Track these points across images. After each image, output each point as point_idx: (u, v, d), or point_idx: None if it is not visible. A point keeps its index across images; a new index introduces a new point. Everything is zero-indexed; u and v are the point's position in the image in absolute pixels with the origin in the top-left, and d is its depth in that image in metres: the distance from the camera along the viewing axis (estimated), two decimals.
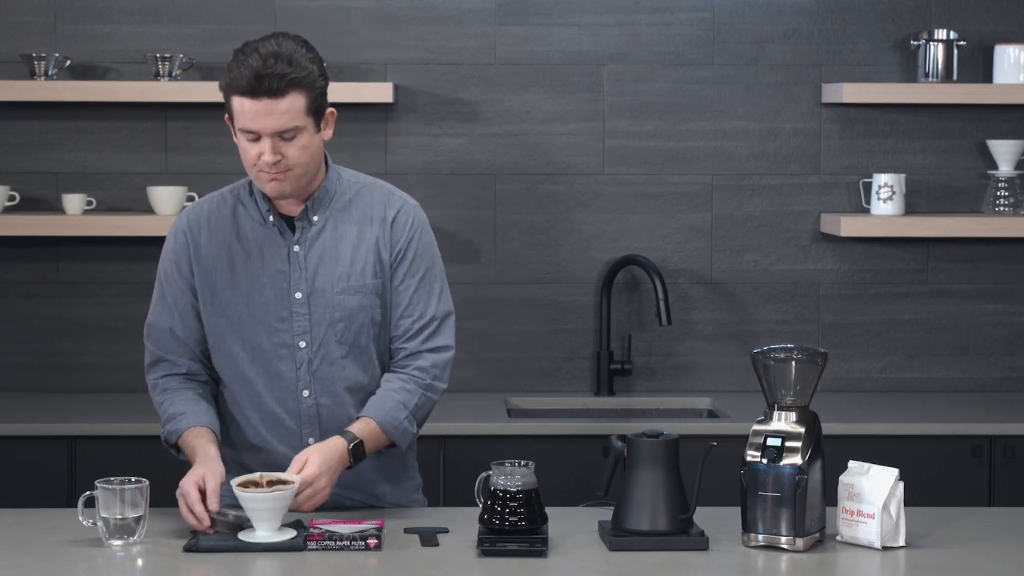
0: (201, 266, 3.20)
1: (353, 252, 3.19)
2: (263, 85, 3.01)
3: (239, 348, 3.19)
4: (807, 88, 4.81)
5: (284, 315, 3.17)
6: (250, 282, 3.17)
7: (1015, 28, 4.80)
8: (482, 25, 4.76)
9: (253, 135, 3.06)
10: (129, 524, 2.90)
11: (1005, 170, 4.72)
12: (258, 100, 3.02)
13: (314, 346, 3.18)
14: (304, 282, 3.17)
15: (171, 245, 3.24)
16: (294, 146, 3.07)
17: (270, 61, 3.01)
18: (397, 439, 3.17)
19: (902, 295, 4.86)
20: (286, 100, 3.03)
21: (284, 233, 3.18)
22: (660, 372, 4.84)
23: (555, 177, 4.81)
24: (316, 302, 3.17)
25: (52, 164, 4.74)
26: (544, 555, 2.85)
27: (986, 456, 4.31)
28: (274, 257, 3.18)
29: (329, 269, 3.18)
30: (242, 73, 3.02)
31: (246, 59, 3.03)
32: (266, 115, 3.03)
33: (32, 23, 4.71)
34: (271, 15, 4.73)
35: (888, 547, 2.91)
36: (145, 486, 2.93)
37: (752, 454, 2.91)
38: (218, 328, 3.20)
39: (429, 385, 3.20)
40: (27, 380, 4.76)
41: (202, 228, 3.21)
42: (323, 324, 3.17)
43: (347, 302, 3.17)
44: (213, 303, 3.19)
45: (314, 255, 3.18)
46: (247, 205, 3.21)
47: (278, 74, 3.01)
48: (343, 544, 2.87)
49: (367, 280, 3.18)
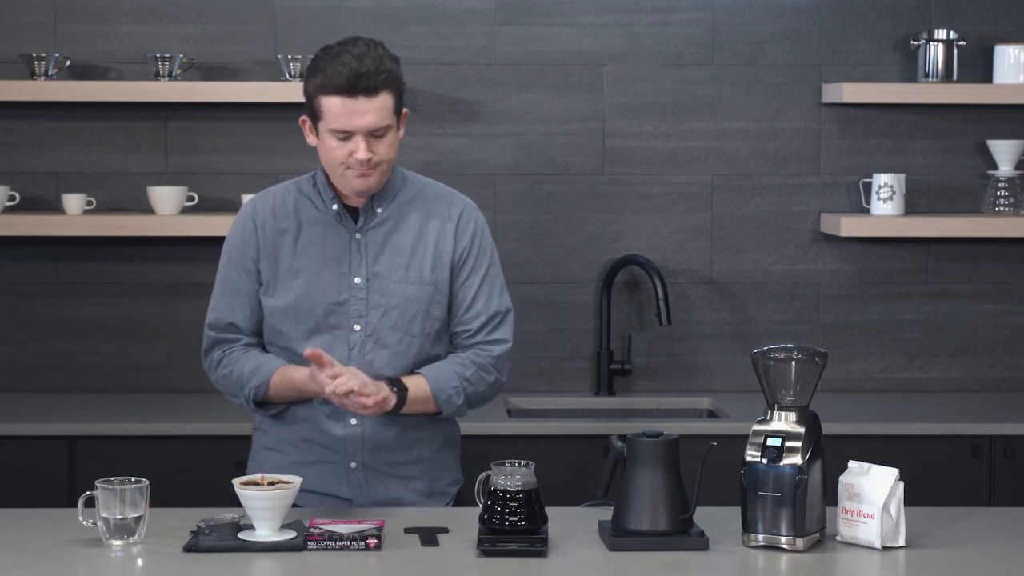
0: (265, 251, 3.29)
1: (413, 244, 3.29)
2: (360, 84, 3.12)
3: (295, 327, 3.27)
4: (807, 88, 4.81)
5: (342, 299, 3.26)
6: (311, 265, 3.27)
7: (1015, 28, 4.80)
8: (482, 25, 4.76)
9: (345, 134, 3.16)
10: (129, 524, 2.90)
11: (1005, 170, 4.72)
12: (355, 99, 3.13)
13: (367, 330, 3.26)
14: (364, 268, 3.27)
15: (238, 232, 3.34)
16: (384, 143, 3.19)
17: (365, 61, 3.13)
18: (442, 404, 3.27)
19: (902, 295, 4.85)
20: (380, 98, 3.15)
21: (346, 222, 3.28)
22: (660, 372, 4.84)
23: (555, 177, 4.81)
24: (374, 287, 3.26)
25: (52, 164, 4.74)
26: (544, 555, 2.85)
27: (986, 456, 4.31)
28: (336, 243, 3.28)
29: (389, 258, 3.27)
30: (339, 71, 3.12)
31: (338, 59, 3.13)
32: (362, 113, 3.14)
33: (32, 23, 4.71)
34: (271, 15, 4.73)
35: (888, 547, 2.91)
36: (145, 486, 2.93)
37: (752, 454, 2.91)
38: (275, 309, 3.28)
39: (484, 366, 3.31)
40: (27, 380, 4.76)
41: (268, 216, 3.32)
42: (379, 309, 3.26)
43: (404, 290, 3.27)
44: (274, 285, 3.28)
45: (375, 243, 3.28)
46: (311, 196, 3.31)
47: (373, 72, 3.12)
48: (343, 544, 2.87)
49: (424, 272, 3.28)
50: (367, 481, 3.29)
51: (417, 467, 3.33)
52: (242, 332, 3.33)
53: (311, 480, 3.26)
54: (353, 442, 3.27)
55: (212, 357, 3.35)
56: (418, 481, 3.33)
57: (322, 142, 3.21)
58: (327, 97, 3.15)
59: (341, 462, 3.28)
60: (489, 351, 3.33)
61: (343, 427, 3.27)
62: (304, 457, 3.30)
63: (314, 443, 3.29)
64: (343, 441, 3.27)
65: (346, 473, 3.28)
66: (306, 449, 3.30)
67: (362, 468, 3.28)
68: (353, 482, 3.29)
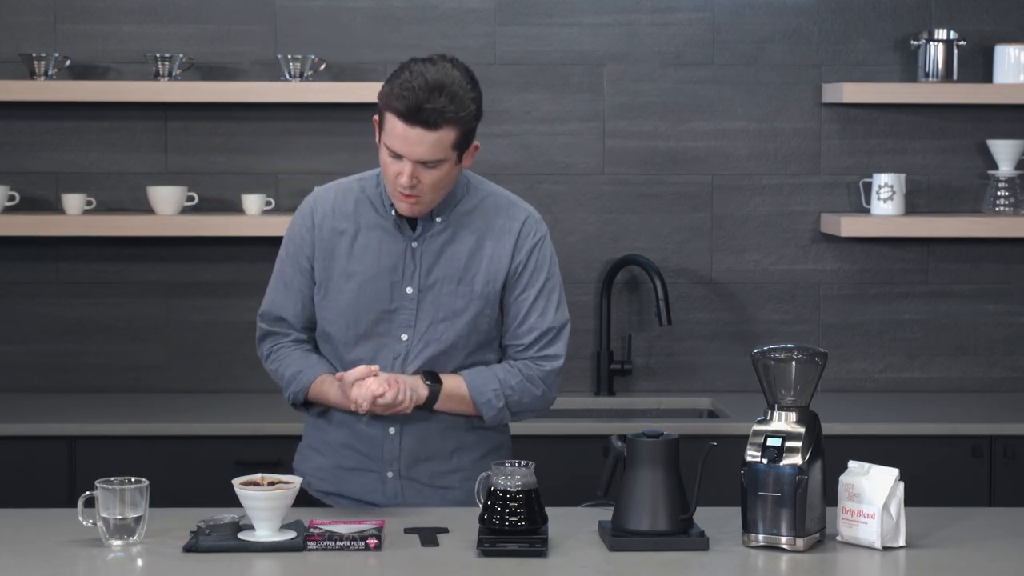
0: (321, 249, 3.26)
1: (469, 258, 3.23)
2: (420, 116, 3.04)
3: (344, 331, 3.24)
4: (807, 88, 4.81)
5: (392, 307, 3.22)
6: (365, 270, 3.23)
7: (1015, 28, 4.80)
8: (482, 25, 4.76)
9: (396, 154, 3.09)
10: (129, 524, 2.90)
11: (1005, 170, 4.72)
12: (412, 127, 3.05)
13: (415, 339, 3.22)
14: (417, 278, 3.22)
15: (297, 226, 3.31)
16: (432, 175, 3.11)
17: (435, 94, 3.03)
18: (480, 406, 3.24)
19: (902, 295, 4.85)
20: (438, 134, 3.06)
21: (404, 229, 3.23)
22: (660, 372, 4.84)
23: (555, 177, 4.81)
24: (424, 298, 3.22)
25: (52, 164, 4.74)
26: (544, 555, 2.85)
27: (986, 456, 4.31)
28: (392, 250, 3.23)
29: (443, 270, 3.23)
30: (404, 95, 3.03)
31: (412, 81, 3.04)
32: (415, 143, 3.06)
33: (32, 23, 4.71)
34: (271, 15, 4.73)
35: (888, 547, 2.90)
36: (145, 486, 2.93)
37: (752, 454, 2.91)
38: (327, 311, 3.26)
39: (532, 378, 3.26)
40: (27, 380, 4.76)
41: (327, 214, 3.27)
42: (426, 320, 3.22)
43: (454, 303, 3.22)
44: (327, 286, 3.26)
45: (430, 253, 3.23)
46: (372, 197, 3.26)
47: (439, 109, 3.03)
48: (343, 544, 2.87)
49: (476, 287, 3.23)
50: (403, 491, 3.26)
51: (456, 477, 3.28)
52: (292, 327, 3.31)
53: (349, 486, 3.25)
54: (391, 451, 3.24)
55: (263, 349, 3.35)
56: (456, 492, 3.28)
57: (381, 150, 3.14)
58: (389, 113, 3.07)
59: (378, 470, 3.26)
60: (540, 365, 3.28)
61: (381, 435, 3.24)
62: (344, 462, 3.27)
63: (353, 449, 3.27)
64: (380, 449, 3.24)
65: (382, 482, 3.26)
66: (345, 454, 3.27)
67: (399, 478, 3.25)
68: (389, 492, 3.26)
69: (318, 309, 3.28)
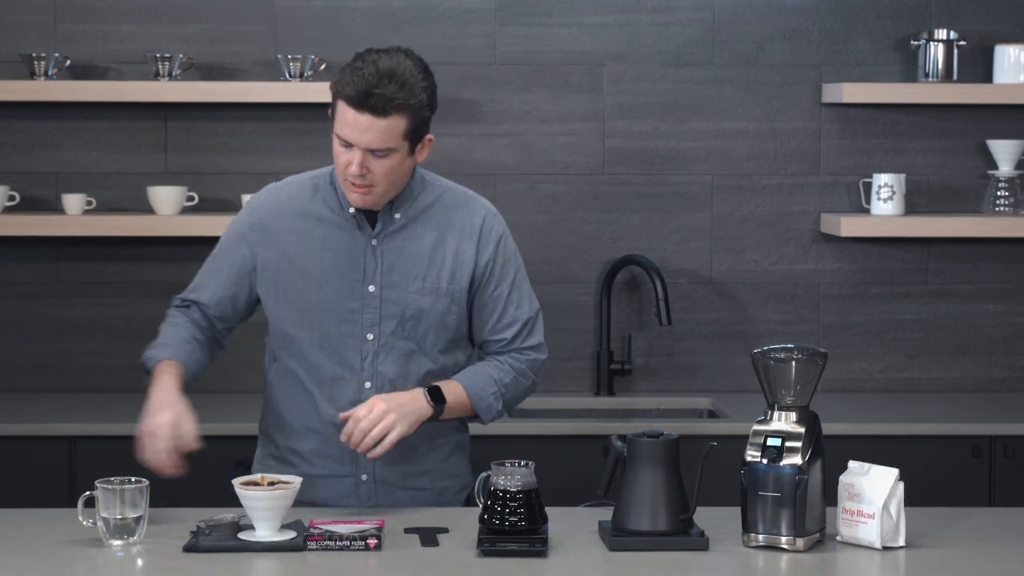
0: (273, 250, 3.23)
1: (431, 253, 3.22)
2: (369, 101, 3.03)
3: (307, 334, 3.22)
4: (807, 88, 4.81)
5: (355, 306, 3.20)
6: (324, 270, 3.20)
7: (1015, 28, 4.80)
8: (482, 25, 4.76)
9: (346, 143, 3.08)
10: (129, 524, 2.90)
11: (1005, 170, 4.72)
12: (360, 113, 3.04)
13: (381, 339, 3.21)
14: (379, 276, 3.20)
15: (242, 223, 3.27)
16: (382, 164, 3.09)
17: (384, 81, 3.03)
18: (481, 411, 3.24)
19: (902, 295, 4.85)
20: (387, 121, 3.05)
21: (363, 226, 3.21)
22: (660, 372, 4.84)
23: (555, 177, 4.81)
24: (388, 297, 3.20)
25: (52, 164, 4.74)
26: (544, 555, 2.85)
27: (986, 456, 4.31)
28: (351, 248, 3.20)
29: (405, 267, 3.21)
30: (353, 82, 3.04)
31: (363, 69, 3.04)
32: (364, 130, 3.05)
33: (32, 23, 4.71)
34: (271, 15, 4.73)
35: (888, 547, 2.91)
36: (145, 486, 2.93)
37: (752, 454, 2.91)
38: (286, 313, 3.23)
39: (522, 371, 3.28)
40: (27, 380, 4.76)
41: (279, 214, 3.24)
42: (393, 320, 3.20)
43: (419, 301, 3.21)
44: (283, 288, 3.22)
45: (391, 251, 3.21)
46: (327, 195, 3.23)
47: (387, 95, 3.03)
48: (343, 544, 2.87)
49: (442, 284, 3.22)
50: (376, 493, 3.26)
51: (426, 477, 3.29)
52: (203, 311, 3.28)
53: (321, 493, 3.24)
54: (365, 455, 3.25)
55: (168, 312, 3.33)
56: (428, 492, 3.30)
57: (333, 140, 3.13)
58: (340, 101, 3.07)
59: (351, 475, 3.25)
60: (527, 356, 3.29)
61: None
62: (314, 471, 3.25)
63: (324, 457, 3.25)
64: (354, 453, 3.21)
65: (356, 486, 3.26)
66: (316, 463, 3.25)
67: (372, 481, 3.25)
68: (363, 495, 3.26)
69: (278, 311, 3.24)
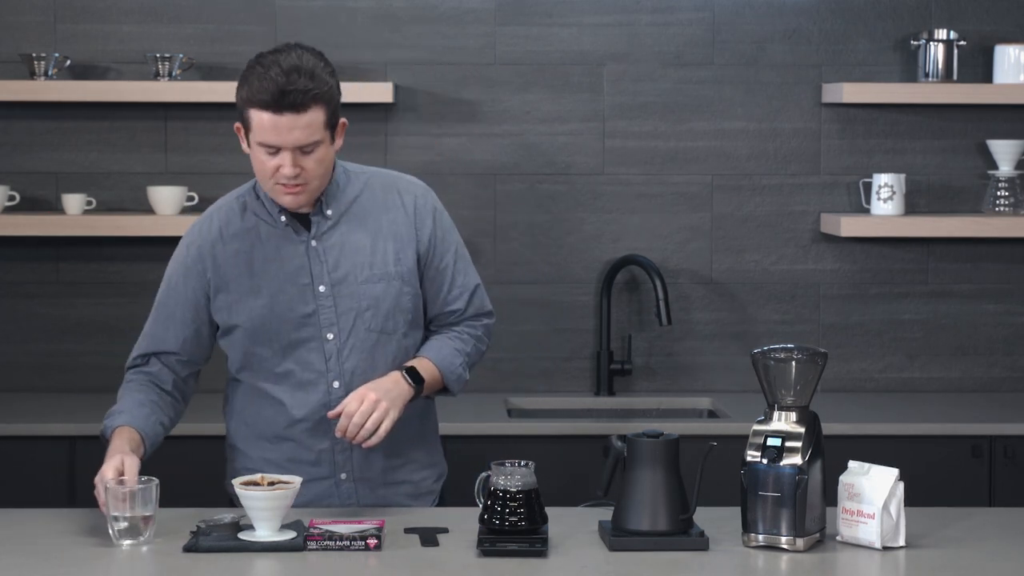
0: (219, 277, 3.21)
1: (372, 241, 3.22)
2: (287, 100, 3.02)
3: (266, 349, 3.21)
4: (807, 88, 4.81)
5: (309, 310, 3.19)
6: (271, 283, 3.19)
7: (1015, 28, 4.80)
8: (482, 25, 4.76)
9: (272, 148, 3.06)
10: (138, 524, 2.89)
11: (1005, 170, 4.72)
12: (280, 115, 3.03)
13: (342, 337, 3.20)
14: (326, 275, 3.20)
15: (181, 259, 3.26)
16: (312, 159, 3.09)
17: (293, 76, 3.02)
18: (451, 384, 3.27)
19: (902, 295, 4.86)
20: (308, 115, 3.05)
21: (299, 231, 3.20)
22: (660, 372, 4.84)
23: (555, 177, 4.81)
24: (340, 293, 3.20)
25: (52, 164, 4.74)
26: (544, 555, 2.85)
27: (986, 456, 4.31)
28: (292, 255, 3.20)
29: (350, 260, 3.20)
30: (264, 87, 3.02)
31: (267, 72, 3.02)
32: (288, 130, 3.04)
33: (32, 23, 4.71)
34: (271, 15, 4.73)
35: (888, 547, 2.91)
36: (155, 484, 2.93)
37: (752, 454, 2.91)
38: (240, 334, 3.22)
39: (480, 338, 3.34)
40: (27, 380, 4.76)
41: (215, 241, 3.22)
42: (350, 314, 3.20)
43: (372, 290, 3.21)
44: (235, 310, 3.21)
45: (333, 248, 3.21)
46: (256, 209, 3.23)
47: (302, 89, 3.02)
48: (343, 544, 2.87)
49: (389, 267, 3.22)
50: (357, 492, 3.26)
51: (406, 470, 3.30)
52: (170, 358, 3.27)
53: (301, 497, 3.21)
54: (341, 453, 3.23)
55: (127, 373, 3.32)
56: (407, 485, 3.30)
57: (253, 153, 3.10)
58: (254, 110, 3.04)
59: (330, 475, 3.25)
60: (481, 322, 3.34)
61: (328, 440, 3.21)
62: None
63: (300, 462, 3.23)
64: (331, 454, 3.22)
65: (336, 485, 3.25)
66: (292, 469, 3.22)
67: (352, 480, 3.25)
68: (343, 494, 3.26)
69: (234, 335, 3.23)
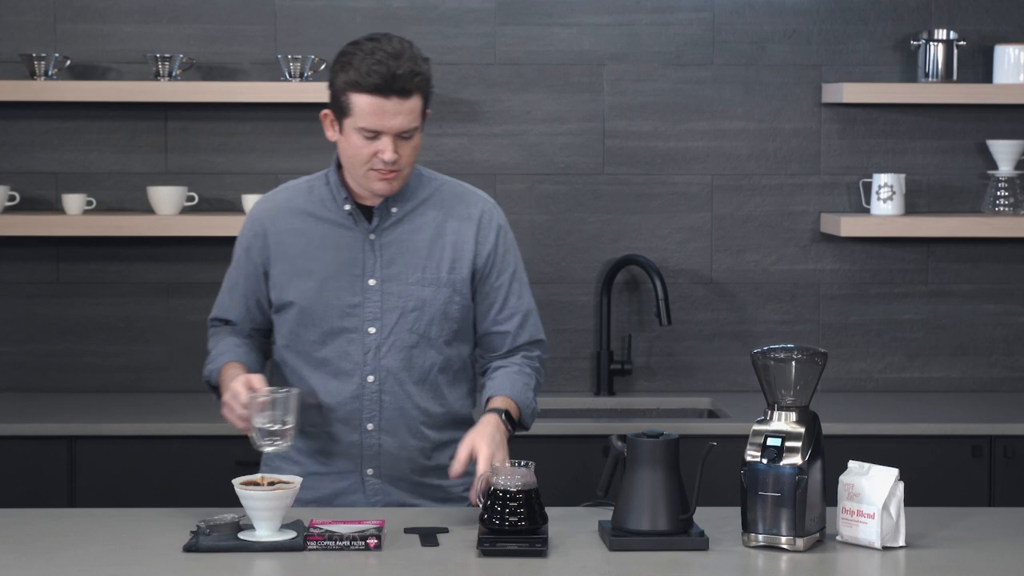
0: (276, 251, 3.25)
1: (430, 245, 3.23)
2: (396, 84, 3.05)
3: (310, 332, 3.23)
4: (807, 88, 4.81)
5: (356, 301, 3.21)
6: (324, 268, 3.22)
7: (1015, 28, 4.80)
8: (482, 25, 4.76)
9: (372, 133, 3.09)
10: (279, 430, 3.00)
11: (1005, 170, 4.72)
12: (388, 99, 3.06)
13: (384, 333, 3.21)
14: (379, 270, 3.22)
15: (246, 233, 3.31)
16: (409, 145, 3.12)
17: (401, 60, 3.06)
18: (527, 418, 3.27)
19: (902, 295, 4.86)
20: (411, 100, 3.08)
21: (360, 222, 3.23)
22: (660, 372, 4.84)
23: (555, 177, 4.81)
24: (389, 290, 3.21)
25: (52, 164, 4.74)
26: (544, 555, 2.85)
27: (986, 456, 4.31)
28: (350, 244, 3.22)
29: (404, 259, 3.22)
30: (374, 70, 3.04)
31: (372, 56, 3.05)
32: (393, 114, 3.07)
33: (32, 23, 4.71)
34: (271, 15, 4.73)
35: (888, 547, 2.91)
36: (295, 393, 3.02)
37: (752, 454, 2.91)
38: (290, 313, 3.25)
39: (538, 369, 3.32)
40: (27, 380, 4.76)
41: (276, 217, 3.26)
42: (394, 312, 3.21)
43: (420, 292, 3.22)
44: (286, 287, 3.24)
45: (390, 245, 3.22)
46: (322, 195, 3.25)
47: (409, 74, 3.06)
48: (343, 544, 2.87)
49: (442, 274, 3.23)
50: (383, 489, 3.25)
51: (434, 474, 3.28)
52: (236, 327, 3.34)
53: (327, 490, 3.25)
54: (370, 448, 3.24)
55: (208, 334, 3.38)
56: (433, 488, 3.29)
57: (346, 139, 3.13)
58: (358, 95, 3.07)
59: (357, 470, 3.25)
60: (535, 354, 3.32)
61: (359, 433, 3.22)
62: (318, 468, 3.26)
63: (329, 454, 3.25)
64: (359, 448, 3.23)
65: (363, 481, 3.25)
66: (321, 460, 3.25)
67: (378, 476, 3.25)
68: (370, 491, 3.26)
69: (282, 312, 3.26)
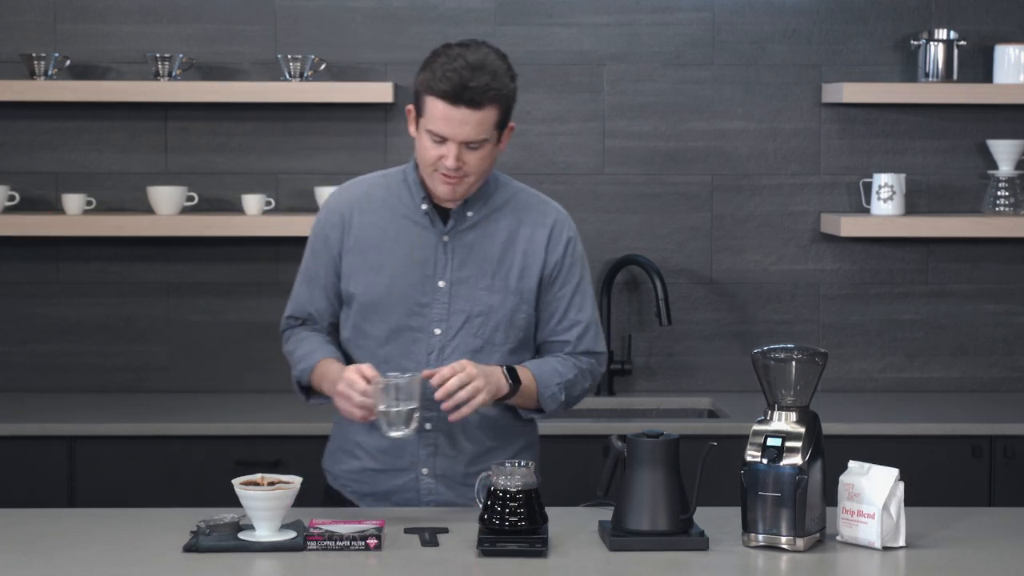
0: (349, 244, 3.25)
1: (502, 252, 3.24)
2: (465, 95, 3.06)
3: (376, 327, 3.23)
4: (807, 88, 4.81)
5: (425, 301, 3.22)
6: (396, 265, 3.22)
7: (1015, 28, 4.80)
8: (482, 25, 4.76)
9: (439, 138, 3.10)
10: (403, 414, 3.00)
11: (1005, 170, 4.72)
12: (456, 107, 3.07)
13: (449, 335, 3.22)
14: (450, 272, 3.22)
15: (322, 222, 3.30)
16: (476, 155, 3.13)
17: (478, 72, 3.07)
18: (544, 400, 3.24)
19: (902, 295, 4.86)
20: (482, 112, 3.09)
21: (435, 223, 3.23)
22: (660, 372, 4.84)
23: (555, 177, 4.81)
24: (458, 293, 3.22)
25: (52, 164, 4.74)
26: (544, 555, 2.85)
27: (986, 456, 4.31)
28: (423, 244, 3.23)
29: (475, 263, 3.23)
30: (447, 77, 3.06)
31: (452, 63, 3.07)
32: (460, 123, 3.08)
33: (32, 23, 4.71)
34: (271, 15, 4.73)
35: (888, 547, 2.91)
36: (418, 377, 3.02)
37: (752, 454, 2.91)
38: (357, 307, 3.25)
39: (583, 372, 3.29)
40: (27, 380, 4.76)
41: (354, 208, 3.27)
42: (461, 315, 3.22)
43: (488, 298, 3.22)
44: (355, 279, 3.24)
45: (463, 247, 3.23)
46: (401, 192, 3.26)
47: (482, 87, 3.07)
48: (343, 544, 2.87)
49: (511, 281, 3.24)
50: (436, 489, 3.26)
51: None
52: (317, 323, 3.32)
53: (383, 487, 3.25)
54: (426, 448, 3.24)
55: (284, 336, 3.36)
56: None
57: (419, 138, 3.15)
58: (431, 97, 3.09)
59: (412, 469, 3.25)
60: (590, 361, 3.31)
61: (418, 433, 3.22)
62: (376, 464, 3.27)
63: (385, 452, 3.25)
64: (416, 447, 3.23)
65: (417, 480, 3.26)
66: (378, 457, 3.26)
67: (433, 476, 3.25)
68: (423, 490, 3.26)
69: (349, 304, 3.27)
